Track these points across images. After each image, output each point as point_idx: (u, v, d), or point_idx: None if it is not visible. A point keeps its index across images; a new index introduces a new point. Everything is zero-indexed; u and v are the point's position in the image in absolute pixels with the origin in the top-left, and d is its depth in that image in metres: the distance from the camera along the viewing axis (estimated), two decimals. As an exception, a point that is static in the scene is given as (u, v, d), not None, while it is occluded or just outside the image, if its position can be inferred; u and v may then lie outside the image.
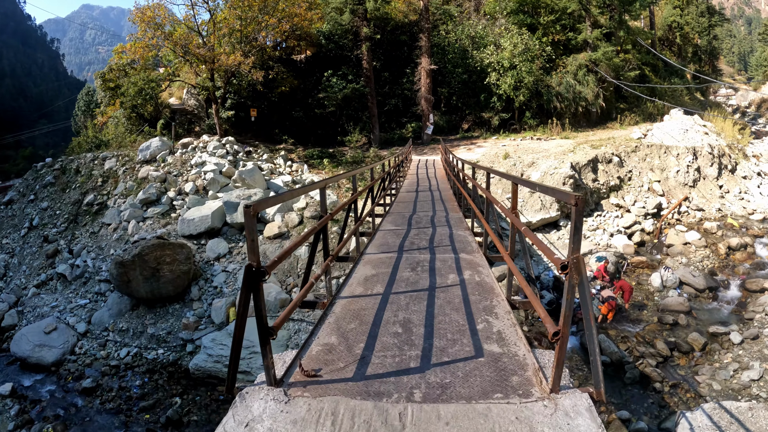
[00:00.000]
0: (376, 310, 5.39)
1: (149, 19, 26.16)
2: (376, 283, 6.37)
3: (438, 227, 10.32)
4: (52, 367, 15.36)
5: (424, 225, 10.64)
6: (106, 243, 21.43)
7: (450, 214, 12.27)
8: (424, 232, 9.74)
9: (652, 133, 28.11)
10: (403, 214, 12.20)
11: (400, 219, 11.51)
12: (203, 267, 17.95)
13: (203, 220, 18.93)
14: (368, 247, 8.60)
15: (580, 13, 34.70)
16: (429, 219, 11.43)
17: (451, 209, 13.12)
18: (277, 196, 3.92)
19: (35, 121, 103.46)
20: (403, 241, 8.97)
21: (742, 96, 62.98)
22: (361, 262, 7.49)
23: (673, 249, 19.91)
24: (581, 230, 3.17)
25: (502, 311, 5.19)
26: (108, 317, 17.23)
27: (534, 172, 22.00)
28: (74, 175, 27.04)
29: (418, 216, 11.90)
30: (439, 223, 10.81)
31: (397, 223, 11.01)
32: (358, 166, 27.59)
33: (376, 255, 7.90)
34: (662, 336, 14.33)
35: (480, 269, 6.84)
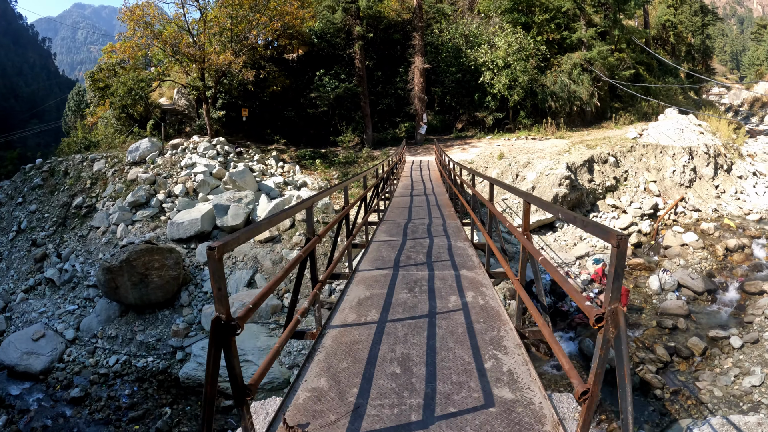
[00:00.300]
0: (371, 343, 4.86)
1: (138, 18, 25.71)
2: (371, 308, 5.83)
3: (435, 237, 9.79)
4: (40, 375, 14.96)
5: (421, 235, 10.13)
6: (95, 247, 21.03)
7: (447, 221, 11.72)
8: (420, 244, 9.19)
9: (647, 132, 27.86)
10: (398, 222, 11.71)
11: (394, 228, 10.97)
12: (193, 272, 17.57)
13: (193, 224, 18.53)
14: (362, 261, 8.06)
15: (575, 12, 34.45)
16: (425, 228, 10.92)
17: (448, 216, 12.53)
18: (251, 228, 3.30)
19: (26, 121, 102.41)
20: (398, 254, 8.44)
21: (735, 95, 63.06)
22: (354, 280, 6.96)
23: (670, 251, 19.67)
24: (622, 276, 2.68)
25: (512, 344, 4.72)
26: (97, 324, 16.84)
27: (529, 172, 21.70)
28: (63, 177, 26.59)
29: (414, 224, 11.36)
30: (436, 233, 10.28)
31: (392, 232, 10.47)
32: (350, 166, 27.28)
33: (370, 272, 7.40)
34: (662, 341, 14.08)
35: (483, 289, 6.32)
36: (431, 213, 13.06)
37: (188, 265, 17.78)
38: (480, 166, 24.46)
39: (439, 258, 8.10)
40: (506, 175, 22.65)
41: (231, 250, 2.70)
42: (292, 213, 4.38)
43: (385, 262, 7.97)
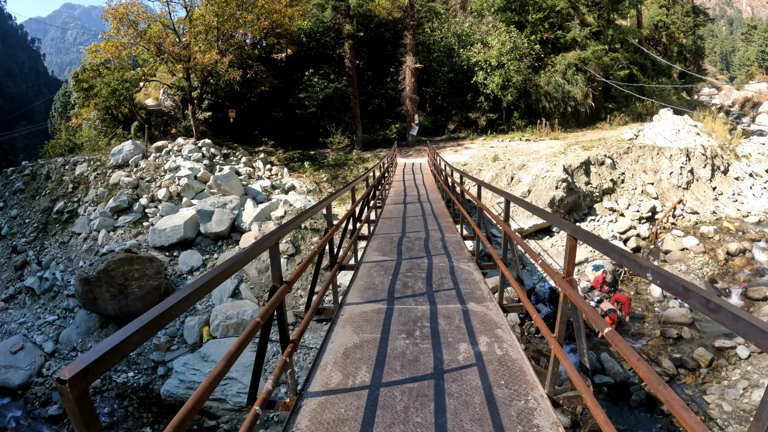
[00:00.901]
0: (360, 422, 3.75)
1: (122, 16, 24.92)
2: (360, 364, 4.64)
3: (434, 256, 8.61)
4: (18, 390, 14.21)
5: (418, 253, 8.94)
6: (76, 254, 20.24)
7: (446, 235, 10.56)
8: (418, 266, 7.97)
9: (643, 133, 27.35)
10: (391, 237, 10.43)
11: (387, 244, 9.74)
12: (176, 281, 16.79)
13: (175, 230, 17.70)
14: (350, 291, 6.82)
15: (569, 11, 33.95)
16: (422, 243, 9.73)
17: (446, 228, 11.43)
18: (190, 290, 2.34)
19: (15, 122, 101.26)
20: (393, 280, 7.23)
21: (726, 95, 63.08)
22: (340, 320, 5.74)
23: (671, 255, 19.09)
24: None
25: (546, 422, 3.66)
26: (76, 336, 16.04)
27: (525, 175, 21.05)
28: (44, 180, 25.79)
29: (409, 239, 10.15)
30: (434, 250, 9.16)
31: (385, 250, 9.24)
32: (340, 168, 26.59)
33: (360, 306, 6.18)
34: (667, 352, 13.46)
35: (499, 332, 5.19)
36: (427, 224, 11.92)
37: (170, 274, 16.99)
38: (474, 168, 23.84)
39: (442, 285, 6.92)
40: (501, 178, 22.02)
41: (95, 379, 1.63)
42: (259, 252, 3.43)
43: (377, 291, 6.79)
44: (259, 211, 18.12)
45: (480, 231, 8.14)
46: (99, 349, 1.72)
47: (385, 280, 7.31)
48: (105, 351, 1.72)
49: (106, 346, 1.73)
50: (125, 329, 1.87)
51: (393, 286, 7.00)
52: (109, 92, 27.74)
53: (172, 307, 2.13)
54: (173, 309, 2.14)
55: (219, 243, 18.04)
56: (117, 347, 1.76)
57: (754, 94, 53.02)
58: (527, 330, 13.87)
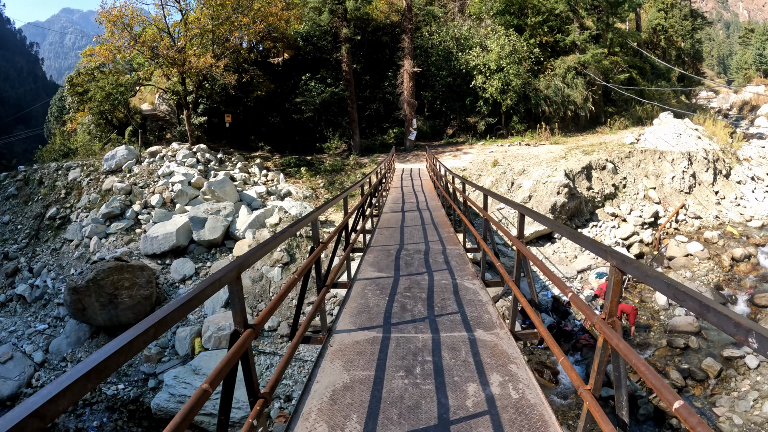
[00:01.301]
0: None
1: (115, 19, 24.54)
2: (350, 412, 3.87)
3: (435, 272, 7.81)
4: (7, 401, 13.92)
5: (417, 269, 8.13)
6: (67, 261, 19.90)
7: (447, 247, 9.80)
8: (418, 284, 7.20)
9: (644, 137, 27.00)
10: (388, 250, 9.67)
11: (384, 258, 9.00)
12: (167, 290, 16.35)
13: (167, 238, 17.26)
14: (341, 315, 6.06)
15: (568, 15, 33.62)
16: (422, 257, 8.96)
17: (447, 239, 10.64)
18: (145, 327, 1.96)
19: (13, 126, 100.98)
20: (390, 302, 6.44)
21: (723, 98, 62.92)
22: (329, 353, 4.96)
23: (675, 262, 18.67)
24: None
25: None
26: (66, 346, 15.67)
27: (525, 180, 20.64)
28: (37, 186, 25.48)
29: (408, 252, 9.41)
30: (435, 264, 8.37)
31: (381, 265, 8.50)
32: (337, 174, 26.19)
33: (353, 334, 5.42)
34: (674, 362, 13.04)
35: (513, 368, 4.48)
36: (427, 235, 11.11)
37: (162, 283, 16.55)
38: (473, 173, 23.45)
39: (445, 308, 6.16)
40: (501, 183, 21.63)
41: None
42: (227, 281, 2.84)
43: (372, 315, 6.02)
44: (254, 218, 17.66)
45: (486, 246, 7.42)
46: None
47: (381, 301, 6.57)
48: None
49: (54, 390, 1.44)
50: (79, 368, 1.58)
51: (390, 308, 6.26)
52: (104, 96, 27.35)
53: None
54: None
55: (212, 251, 17.61)
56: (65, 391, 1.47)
57: (752, 97, 52.88)
58: (530, 342, 13.45)
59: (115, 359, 1.72)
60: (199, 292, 2.44)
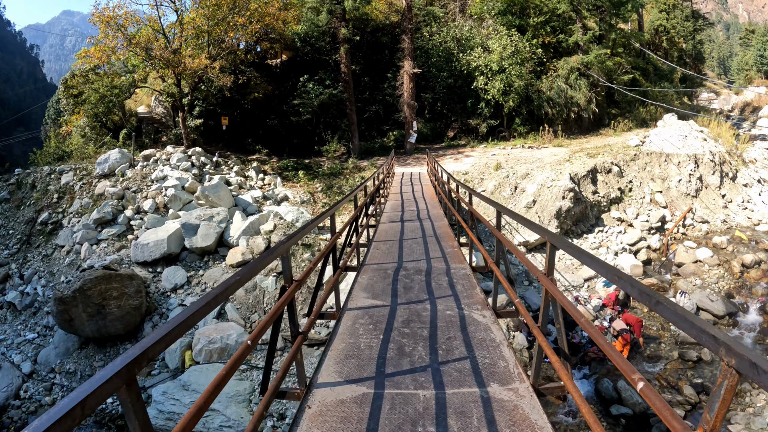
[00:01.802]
0: None
1: (109, 20, 24.00)
2: None
3: (439, 300, 6.68)
4: (-4, 412, 13.31)
5: (418, 294, 7.00)
6: (58, 268, 19.39)
7: (451, 265, 8.61)
8: (418, 316, 6.13)
9: (649, 139, 26.38)
10: (385, 269, 8.54)
11: (380, 280, 7.84)
12: (158, 299, 15.75)
13: (158, 245, 16.64)
14: (325, 361, 5.04)
15: (570, 15, 33.04)
16: (423, 279, 7.76)
17: (451, 255, 9.37)
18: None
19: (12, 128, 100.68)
20: (384, 343, 5.37)
21: (725, 100, 62.41)
22: (306, 418, 4.01)
23: (684, 268, 18.06)
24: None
25: None
26: (54, 356, 15.20)
27: (529, 184, 20.05)
28: (30, 190, 24.98)
29: (407, 272, 8.27)
30: (439, 289, 7.17)
31: (376, 290, 7.32)
32: (335, 178, 25.61)
33: (337, 391, 4.41)
34: (687, 376, 12.45)
35: None
36: (429, 249, 9.95)
37: (153, 292, 15.95)
38: (475, 177, 22.87)
39: (451, 352, 5.07)
40: (504, 187, 21.04)
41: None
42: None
43: (362, 361, 4.97)
44: (248, 225, 17.04)
45: (501, 273, 6.27)
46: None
47: (375, 340, 5.51)
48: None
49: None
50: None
51: (384, 351, 5.18)
52: (98, 98, 26.83)
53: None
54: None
55: (205, 258, 17.01)
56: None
57: (754, 98, 52.48)
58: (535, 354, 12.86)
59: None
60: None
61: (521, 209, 19.04)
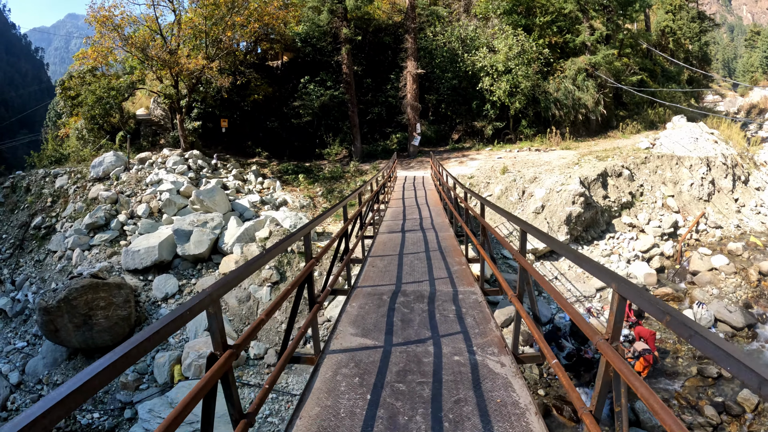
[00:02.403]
0: None
1: (104, 20, 23.37)
2: None
3: (444, 340, 5.31)
4: (-18, 423, 12.81)
5: (418, 331, 5.62)
6: (49, 274, 18.76)
7: (459, 289, 7.26)
8: (418, 365, 4.82)
9: (660, 142, 25.61)
10: (381, 294, 7.11)
11: (373, 309, 6.43)
12: (149, 309, 15.02)
13: (149, 252, 15.89)
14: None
15: (577, 15, 32.27)
16: (426, 308, 6.41)
17: (459, 276, 7.97)
18: None
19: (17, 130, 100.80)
20: (372, 406, 4.07)
21: (730, 102, 61.85)
22: None
23: (700, 277, 17.24)
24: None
25: None
26: (42, 367, 14.52)
27: (537, 188, 19.27)
28: (24, 193, 24.39)
29: (407, 298, 6.85)
30: (444, 324, 5.78)
31: (367, 324, 5.90)
32: (336, 182, 24.93)
33: None
34: (707, 395, 11.64)
35: None
36: (432, 268, 8.50)
37: (144, 301, 15.21)
38: (481, 181, 22.12)
39: (461, 427, 3.70)
40: (511, 192, 20.27)
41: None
42: None
43: None
44: (243, 231, 16.25)
45: (524, 311, 4.77)
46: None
47: (360, 402, 4.13)
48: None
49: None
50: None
51: (372, 423, 3.81)
52: (94, 100, 26.16)
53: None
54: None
55: (198, 266, 16.26)
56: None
57: (760, 99, 51.88)
58: (546, 370, 12.04)
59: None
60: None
61: (529, 215, 18.26)
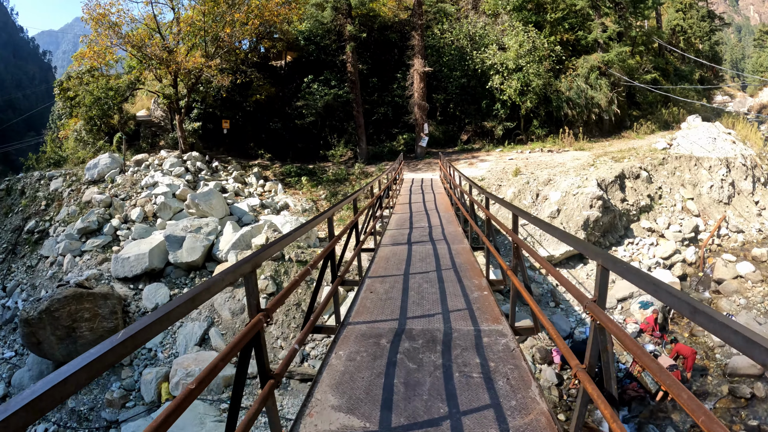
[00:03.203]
0: None
1: (100, 18, 22.56)
2: None
3: (467, 420, 3.63)
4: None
5: (428, 405, 3.90)
6: (40, 281, 18.01)
7: (482, 327, 5.45)
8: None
9: (677, 142, 24.60)
10: (379, 336, 5.33)
11: (367, 364, 4.71)
12: (139, 320, 14.14)
13: (140, 260, 14.96)
14: None
15: (588, 12, 31.25)
16: (439, 360, 4.69)
17: (480, 305, 6.17)
18: None
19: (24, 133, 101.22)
20: None
21: (740, 102, 61.00)
22: None
23: (725, 286, 16.18)
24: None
25: None
26: (28, 380, 13.82)
27: (552, 191, 18.25)
28: (19, 196, 23.76)
29: (413, 345, 5.07)
30: (466, 391, 4.08)
31: (357, 390, 4.22)
32: (340, 184, 24.04)
33: None
34: (741, 417, 10.63)
35: None
36: (446, 295, 6.60)
37: (134, 312, 14.32)
38: (492, 184, 21.14)
39: None
40: (524, 195, 19.27)
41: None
42: None
43: None
44: (238, 238, 15.24)
45: (604, 402, 2.77)
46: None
47: None
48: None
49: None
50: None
51: None
52: (92, 101, 25.37)
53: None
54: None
55: (191, 275, 15.34)
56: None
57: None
58: (566, 392, 11.02)
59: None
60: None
61: (544, 219, 17.27)
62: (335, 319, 5.95)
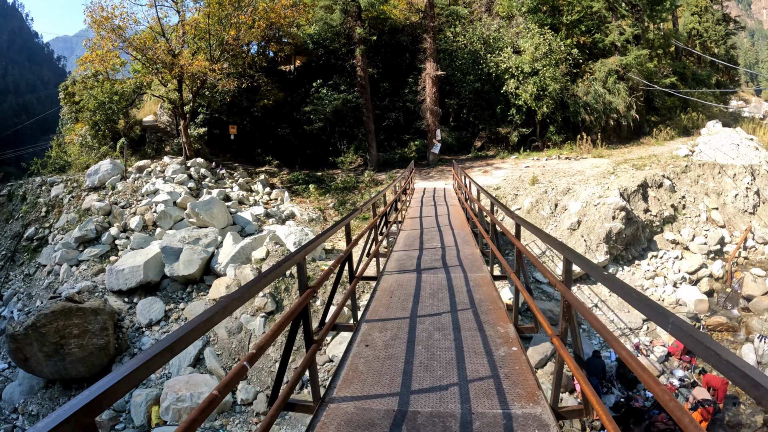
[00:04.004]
0: None
1: (103, 21, 21.98)
2: None
3: None
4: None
5: None
6: (36, 290, 17.47)
7: (513, 411, 3.93)
8: None
9: (699, 148, 23.62)
10: (371, 416, 3.97)
11: None
12: (132, 336, 13.36)
13: (134, 272, 14.19)
14: None
15: (604, 14, 30.34)
16: None
17: (509, 375, 4.56)
18: None
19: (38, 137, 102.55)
20: None
21: (755, 107, 59.82)
22: None
23: (755, 303, 15.11)
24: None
25: None
26: (19, 395, 13.24)
27: (572, 201, 17.30)
28: (20, 202, 23.25)
29: (421, 417, 3.88)
30: None
31: None
32: (349, 193, 23.29)
33: None
34: (781, 453, 9.65)
35: None
36: (464, 356, 5.01)
37: (128, 327, 13.55)
38: (508, 193, 20.24)
39: None
40: (542, 205, 18.33)
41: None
42: None
43: None
44: (238, 250, 14.35)
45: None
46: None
47: None
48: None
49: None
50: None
51: None
52: (96, 106, 24.88)
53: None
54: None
55: (188, 288, 14.55)
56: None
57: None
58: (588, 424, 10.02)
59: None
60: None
61: (564, 231, 16.32)
62: (312, 393, 4.34)
